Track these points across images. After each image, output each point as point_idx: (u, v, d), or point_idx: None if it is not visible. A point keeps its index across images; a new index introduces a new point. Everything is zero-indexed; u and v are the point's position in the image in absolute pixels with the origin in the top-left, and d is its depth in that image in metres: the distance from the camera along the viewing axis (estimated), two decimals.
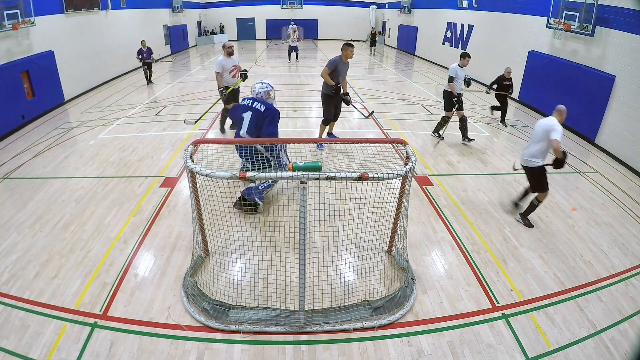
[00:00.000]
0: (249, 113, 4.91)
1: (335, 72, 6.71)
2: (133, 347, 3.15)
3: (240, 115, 5.01)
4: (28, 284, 3.82)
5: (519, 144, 8.00)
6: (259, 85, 5.03)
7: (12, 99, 8.39)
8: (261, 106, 4.88)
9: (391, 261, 4.19)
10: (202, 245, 4.08)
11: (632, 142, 7.16)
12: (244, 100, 5.11)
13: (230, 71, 7.37)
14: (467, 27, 14.93)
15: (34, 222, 4.91)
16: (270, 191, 5.34)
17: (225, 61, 7.30)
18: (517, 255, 4.45)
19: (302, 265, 3.20)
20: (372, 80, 13.80)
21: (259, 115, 4.86)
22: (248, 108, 4.95)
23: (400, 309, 3.54)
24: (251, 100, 5.00)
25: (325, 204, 3.73)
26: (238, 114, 5.08)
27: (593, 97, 8.18)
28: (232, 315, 3.41)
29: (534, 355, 3.18)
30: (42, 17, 9.48)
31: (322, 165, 3.05)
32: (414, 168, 3.40)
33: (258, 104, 4.91)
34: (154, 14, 17.77)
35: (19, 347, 3.14)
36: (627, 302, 3.80)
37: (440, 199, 5.59)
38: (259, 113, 4.86)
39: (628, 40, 7.41)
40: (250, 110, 4.91)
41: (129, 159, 6.80)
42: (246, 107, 4.97)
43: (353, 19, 27.66)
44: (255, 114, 4.87)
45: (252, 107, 4.91)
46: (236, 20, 27.38)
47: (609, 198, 5.95)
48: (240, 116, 4.99)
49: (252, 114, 4.89)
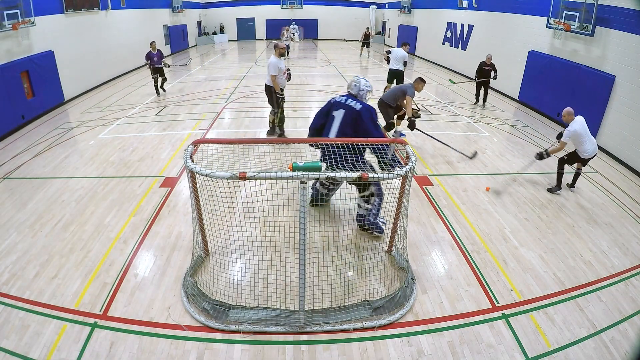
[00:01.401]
0: (341, 111, 4.27)
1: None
2: (133, 347, 3.15)
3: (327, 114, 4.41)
4: (28, 284, 3.82)
5: (519, 144, 8.00)
6: (363, 82, 4.42)
7: (12, 99, 8.39)
8: (356, 104, 4.26)
9: (391, 261, 4.19)
10: (202, 245, 4.08)
11: (632, 142, 7.16)
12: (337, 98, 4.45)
13: (283, 72, 7.21)
14: (467, 27, 14.93)
15: (34, 222, 4.91)
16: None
17: (279, 62, 7.08)
18: (517, 255, 4.46)
19: (302, 265, 3.20)
20: (372, 80, 13.77)
21: (354, 114, 4.23)
22: (341, 106, 4.31)
23: (400, 309, 3.54)
24: (345, 97, 4.36)
25: (325, 204, 3.72)
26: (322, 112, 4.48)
27: (593, 97, 8.18)
28: (232, 315, 3.41)
29: (534, 355, 3.18)
30: (42, 17, 9.47)
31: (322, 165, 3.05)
32: (414, 168, 3.41)
33: (353, 101, 4.29)
34: (154, 14, 17.77)
35: (19, 347, 3.14)
36: (627, 302, 3.80)
37: (440, 199, 5.59)
38: (354, 111, 4.23)
39: (628, 40, 7.41)
40: (343, 109, 4.27)
41: (129, 159, 6.80)
42: (338, 105, 4.34)
43: (353, 19, 27.64)
44: (349, 112, 4.24)
45: (346, 105, 4.28)
46: (236, 20, 27.37)
47: (609, 198, 5.95)
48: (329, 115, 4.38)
49: (346, 113, 4.25)
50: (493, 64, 10.23)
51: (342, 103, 4.36)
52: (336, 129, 4.32)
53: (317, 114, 4.58)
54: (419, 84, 6.79)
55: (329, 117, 4.43)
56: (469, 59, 14.78)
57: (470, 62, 14.57)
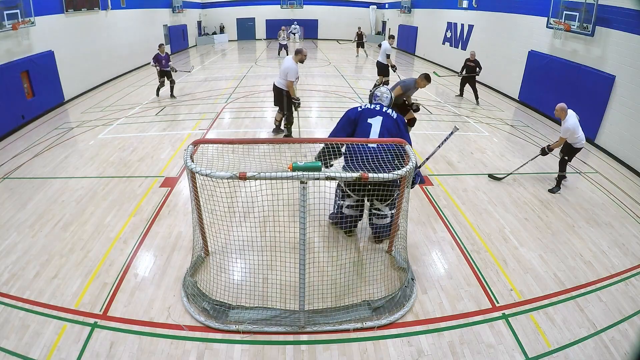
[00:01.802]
0: (379, 118, 4.26)
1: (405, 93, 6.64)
2: (133, 347, 3.15)
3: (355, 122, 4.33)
4: (28, 284, 3.82)
5: (519, 144, 8.00)
6: (384, 89, 4.57)
7: (12, 99, 8.39)
8: (392, 112, 4.32)
9: (391, 261, 4.19)
10: (202, 245, 4.08)
11: (632, 142, 7.16)
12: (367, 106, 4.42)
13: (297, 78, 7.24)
14: (467, 27, 14.93)
15: (34, 222, 4.91)
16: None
17: (298, 69, 7.10)
18: (517, 255, 4.46)
19: (302, 265, 3.20)
20: (372, 80, 13.79)
21: (392, 122, 4.25)
22: (377, 113, 4.30)
23: (400, 309, 3.54)
24: (377, 105, 4.37)
25: (325, 204, 3.73)
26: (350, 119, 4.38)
27: (593, 97, 8.18)
28: (232, 315, 3.41)
29: (534, 355, 3.18)
30: (42, 17, 9.47)
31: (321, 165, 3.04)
32: (413, 167, 3.41)
33: (388, 109, 4.33)
34: (154, 14, 17.77)
35: (19, 347, 3.14)
36: (627, 302, 3.80)
37: (440, 199, 5.59)
38: (391, 119, 4.26)
39: (628, 40, 7.41)
40: (380, 115, 4.27)
41: (129, 159, 6.80)
42: (374, 112, 4.31)
43: (353, 19, 27.64)
44: (388, 119, 4.25)
45: (382, 112, 4.29)
46: (236, 20, 27.37)
47: (609, 198, 5.95)
48: (362, 123, 4.29)
49: (384, 120, 4.25)
50: (477, 61, 10.74)
51: (377, 110, 4.32)
52: (376, 135, 4.21)
53: (342, 122, 4.43)
54: (422, 81, 6.75)
55: (359, 125, 4.30)
56: None
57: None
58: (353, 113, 4.39)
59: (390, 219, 4.29)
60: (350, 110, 4.46)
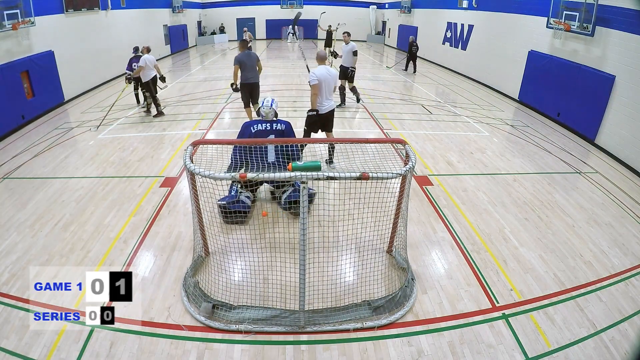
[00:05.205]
0: (271, 137, 4.48)
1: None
2: (133, 347, 3.15)
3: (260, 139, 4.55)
4: (28, 284, 3.82)
5: (519, 144, 8.00)
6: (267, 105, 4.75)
7: (12, 99, 8.38)
8: (280, 125, 4.52)
9: (391, 261, 4.19)
10: (202, 245, 4.08)
11: (632, 142, 7.15)
12: (255, 126, 4.62)
13: None
14: (467, 27, 14.93)
15: (34, 222, 4.91)
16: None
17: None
18: (517, 255, 4.45)
19: (302, 265, 3.20)
20: (372, 80, 13.80)
21: (281, 134, 4.52)
22: (268, 133, 4.51)
23: (400, 309, 3.54)
24: (265, 124, 4.59)
25: (325, 204, 3.73)
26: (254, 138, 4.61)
27: (593, 97, 8.18)
28: (232, 315, 3.41)
29: (534, 355, 3.18)
30: (42, 17, 9.47)
31: (321, 165, 3.05)
32: (413, 168, 3.41)
33: (277, 125, 4.56)
34: (154, 14, 17.77)
35: (19, 347, 3.14)
36: (627, 302, 3.80)
37: (440, 199, 5.59)
38: (280, 132, 4.51)
39: (628, 40, 7.41)
40: (272, 134, 4.50)
41: (129, 159, 6.80)
42: (265, 133, 4.52)
43: (353, 19, 27.60)
44: (278, 134, 4.50)
45: (273, 129, 4.51)
46: (236, 20, 27.36)
47: (609, 198, 5.95)
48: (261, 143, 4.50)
49: (276, 136, 4.49)
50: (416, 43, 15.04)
51: (267, 130, 4.64)
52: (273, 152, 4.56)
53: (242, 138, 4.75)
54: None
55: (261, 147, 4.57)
56: (469, 59, 14.80)
57: (471, 62, 14.62)
58: (247, 133, 4.70)
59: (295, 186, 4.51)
60: (245, 128, 4.75)
